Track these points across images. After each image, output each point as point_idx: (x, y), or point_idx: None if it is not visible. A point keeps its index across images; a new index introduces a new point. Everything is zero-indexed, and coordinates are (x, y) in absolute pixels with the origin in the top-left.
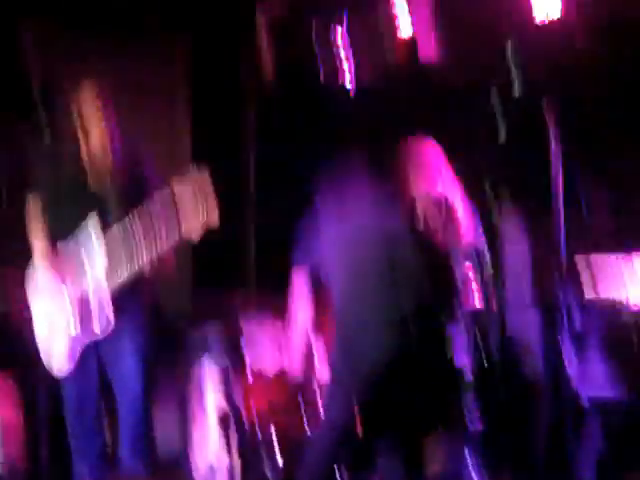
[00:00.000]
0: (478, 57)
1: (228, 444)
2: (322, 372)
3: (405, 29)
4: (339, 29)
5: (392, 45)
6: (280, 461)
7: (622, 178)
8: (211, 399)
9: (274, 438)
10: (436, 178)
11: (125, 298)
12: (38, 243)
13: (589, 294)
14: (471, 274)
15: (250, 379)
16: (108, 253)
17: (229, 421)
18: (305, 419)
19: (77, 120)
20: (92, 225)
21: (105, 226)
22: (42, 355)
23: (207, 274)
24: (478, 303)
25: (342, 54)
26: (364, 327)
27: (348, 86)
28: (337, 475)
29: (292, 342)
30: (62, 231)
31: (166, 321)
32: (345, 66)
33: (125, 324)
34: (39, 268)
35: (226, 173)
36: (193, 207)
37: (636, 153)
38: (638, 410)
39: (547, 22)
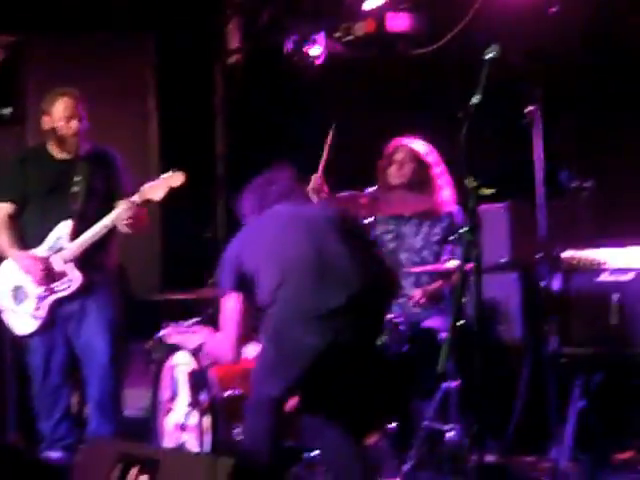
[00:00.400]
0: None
1: (197, 403)
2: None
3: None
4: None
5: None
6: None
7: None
8: (179, 360)
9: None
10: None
11: (93, 269)
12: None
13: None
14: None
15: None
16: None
17: (198, 380)
18: None
19: (47, 122)
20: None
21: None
22: (6, 316)
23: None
24: (453, 265)
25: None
26: (295, 321)
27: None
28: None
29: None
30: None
31: (134, 294)
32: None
33: (92, 296)
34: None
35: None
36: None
37: (621, 148)
38: (617, 366)
39: None
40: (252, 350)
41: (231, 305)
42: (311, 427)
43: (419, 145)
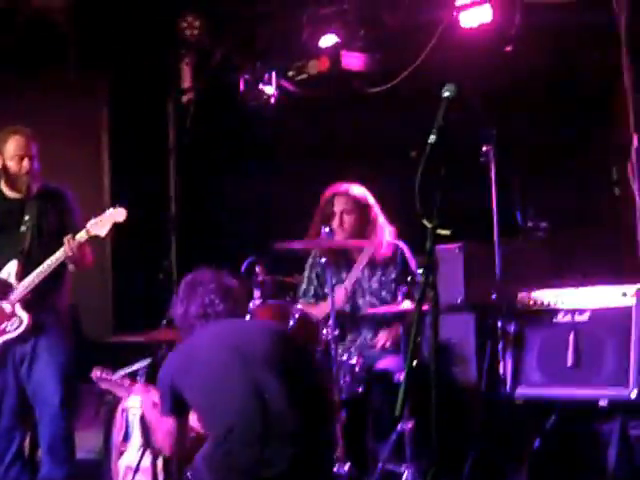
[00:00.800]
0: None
1: (150, 445)
2: None
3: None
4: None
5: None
6: None
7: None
8: (132, 403)
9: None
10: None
11: (43, 310)
12: None
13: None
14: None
15: None
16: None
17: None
18: None
19: None
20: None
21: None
22: None
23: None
24: (409, 306)
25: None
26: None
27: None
28: None
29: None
30: None
31: (87, 335)
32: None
33: (43, 337)
34: None
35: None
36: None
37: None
38: (573, 408)
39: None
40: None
41: (165, 427)
42: None
43: (355, 189)
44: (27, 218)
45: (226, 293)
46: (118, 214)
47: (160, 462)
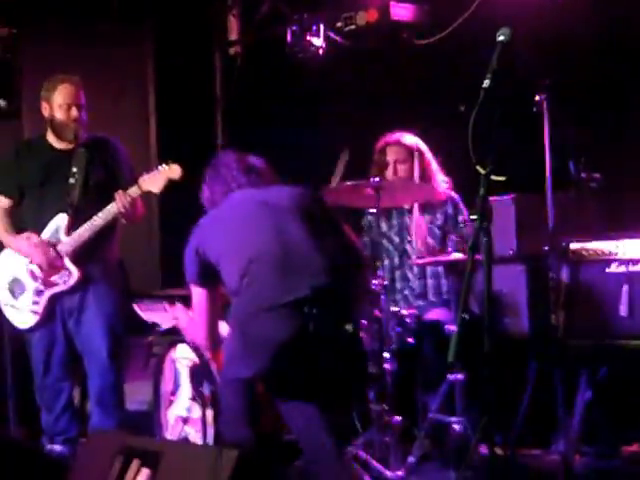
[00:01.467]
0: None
1: (200, 396)
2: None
3: None
4: None
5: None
6: None
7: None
8: (181, 353)
9: None
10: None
11: (92, 263)
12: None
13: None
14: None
15: None
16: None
17: (200, 374)
18: None
19: (45, 109)
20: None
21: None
22: (5, 310)
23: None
24: (459, 256)
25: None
26: (262, 310)
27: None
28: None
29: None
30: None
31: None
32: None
33: (91, 289)
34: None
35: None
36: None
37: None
38: (625, 359)
39: None
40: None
41: (197, 297)
42: (285, 413)
43: (407, 138)
44: (75, 170)
45: (249, 169)
46: (173, 171)
47: (210, 413)
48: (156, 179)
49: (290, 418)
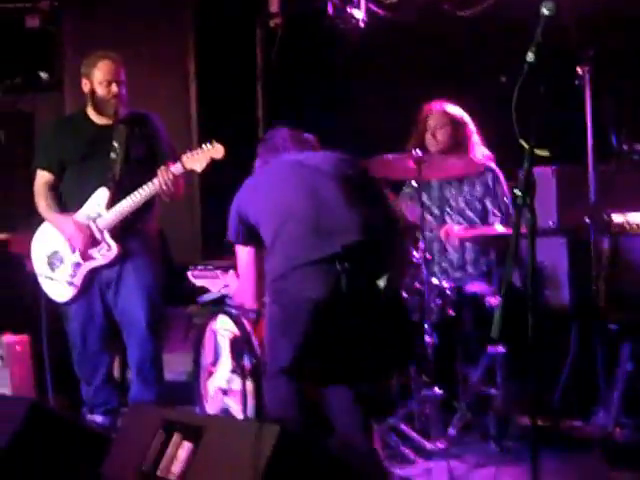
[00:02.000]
0: None
1: (240, 368)
2: None
3: None
4: None
5: None
6: None
7: None
8: (221, 324)
9: None
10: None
11: (131, 236)
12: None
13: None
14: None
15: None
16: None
17: (240, 346)
18: None
19: (86, 85)
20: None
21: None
22: (43, 282)
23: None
24: (502, 229)
25: None
26: (294, 268)
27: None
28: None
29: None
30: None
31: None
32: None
33: (129, 262)
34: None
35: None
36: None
37: None
38: None
39: None
40: None
41: (243, 257)
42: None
43: (450, 107)
44: (116, 145)
45: (301, 140)
46: (216, 151)
47: (250, 385)
48: (199, 158)
49: (328, 401)
